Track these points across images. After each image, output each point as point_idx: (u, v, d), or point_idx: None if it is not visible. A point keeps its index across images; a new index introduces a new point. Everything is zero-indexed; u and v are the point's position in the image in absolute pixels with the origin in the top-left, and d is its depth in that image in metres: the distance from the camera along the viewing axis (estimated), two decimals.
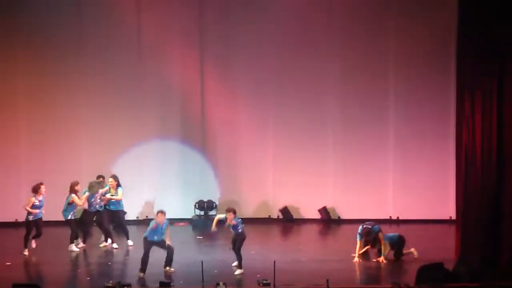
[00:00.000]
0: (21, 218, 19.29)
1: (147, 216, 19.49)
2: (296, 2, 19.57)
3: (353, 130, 19.71)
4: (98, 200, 16.80)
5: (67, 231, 17.10)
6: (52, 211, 19.28)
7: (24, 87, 19.40)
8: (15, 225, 19.27)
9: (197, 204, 19.84)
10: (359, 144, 19.60)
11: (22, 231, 18.86)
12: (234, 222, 14.61)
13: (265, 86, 19.76)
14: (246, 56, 19.72)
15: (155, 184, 19.78)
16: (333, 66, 19.61)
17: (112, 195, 16.91)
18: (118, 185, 17.07)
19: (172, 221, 19.48)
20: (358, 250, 15.30)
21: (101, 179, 17.36)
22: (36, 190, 16.41)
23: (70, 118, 19.50)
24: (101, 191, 16.80)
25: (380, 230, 15.33)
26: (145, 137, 19.66)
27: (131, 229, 17.37)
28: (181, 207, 19.89)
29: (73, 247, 16.25)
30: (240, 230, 14.62)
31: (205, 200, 19.86)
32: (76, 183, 16.83)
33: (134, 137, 19.56)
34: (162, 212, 14.88)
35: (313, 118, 19.80)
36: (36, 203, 16.40)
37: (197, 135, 19.93)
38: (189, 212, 19.80)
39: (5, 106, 19.42)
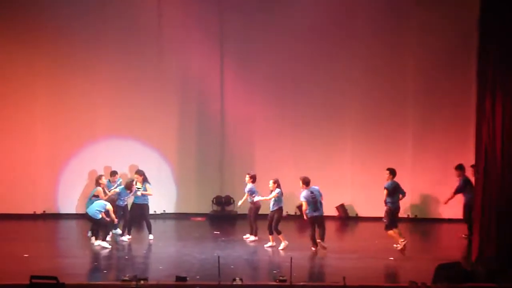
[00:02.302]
0: (39, 210, 19.49)
1: (164, 211, 19.53)
2: None
3: (372, 128, 19.65)
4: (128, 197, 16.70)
5: (85, 224, 17.16)
6: (69, 205, 19.50)
7: (43, 82, 19.48)
8: (33, 217, 19.36)
9: (214, 199, 19.86)
10: (377, 141, 19.53)
11: (40, 223, 19.05)
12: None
13: (284, 81, 19.76)
14: (266, 52, 19.72)
15: (173, 179, 19.80)
16: (352, 63, 19.57)
17: (138, 189, 16.81)
18: (145, 180, 17.00)
19: (189, 216, 19.69)
20: None
21: (116, 175, 17.34)
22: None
23: (88, 111, 19.56)
24: (136, 189, 16.71)
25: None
26: (163, 132, 19.69)
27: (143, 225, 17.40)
28: (198, 202, 19.93)
29: (104, 243, 16.08)
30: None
31: (223, 195, 19.88)
32: (100, 177, 16.86)
33: (152, 132, 19.58)
34: None
35: (331, 115, 19.77)
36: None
37: (215, 131, 19.95)
38: (207, 207, 19.83)
39: (24, 103, 19.50)
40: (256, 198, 16.69)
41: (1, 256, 14.29)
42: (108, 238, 16.27)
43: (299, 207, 19.57)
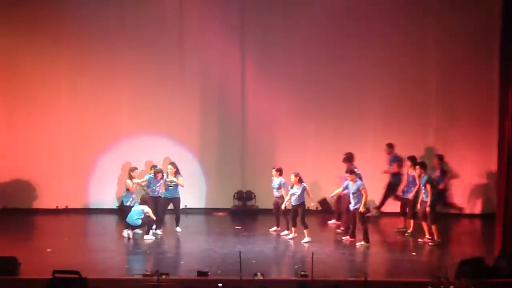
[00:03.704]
0: (62, 205, 19.60)
1: (185, 205, 19.52)
2: None
3: (393, 122, 19.55)
4: (160, 186, 16.85)
5: (109, 218, 17.23)
6: (92, 199, 19.59)
7: (66, 78, 19.53)
8: (55, 211, 19.45)
9: (236, 195, 19.88)
10: (399, 137, 19.38)
11: (63, 218, 19.17)
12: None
13: (306, 76, 19.68)
14: (287, 46, 19.63)
15: (194, 174, 19.79)
16: (374, 57, 19.44)
17: (171, 181, 16.88)
18: (177, 172, 17.05)
19: (210, 211, 19.72)
20: None
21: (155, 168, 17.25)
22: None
23: (110, 108, 19.60)
24: (165, 178, 16.86)
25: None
26: (184, 127, 19.70)
27: (169, 219, 17.43)
28: (219, 197, 19.94)
29: (150, 236, 16.33)
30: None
31: (244, 190, 19.90)
32: (133, 169, 16.94)
33: (174, 128, 19.60)
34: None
35: (353, 110, 19.69)
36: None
37: (236, 126, 19.92)
38: (228, 202, 19.85)
39: (48, 99, 19.55)
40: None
41: (24, 251, 14.36)
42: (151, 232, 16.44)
43: (320, 202, 19.59)
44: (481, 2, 19.05)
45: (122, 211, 17.47)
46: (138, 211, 16.20)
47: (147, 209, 16.24)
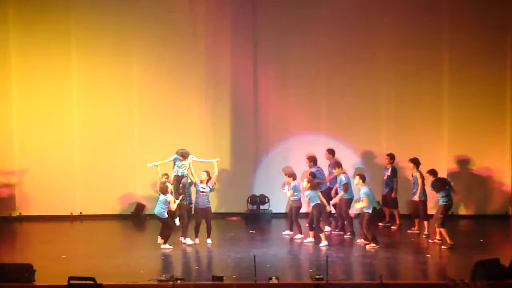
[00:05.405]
0: (76, 211, 19.64)
1: None
2: None
3: (407, 126, 19.51)
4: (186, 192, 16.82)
5: (124, 224, 17.16)
6: (106, 206, 19.63)
7: (80, 82, 19.62)
8: (70, 218, 19.51)
9: (249, 199, 19.87)
10: (413, 139, 19.36)
11: (77, 224, 19.21)
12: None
13: (318, 78, 19.66)
14: (299, 47, 19.60)
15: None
16: (386, 57, 19.43)
17: (203, 188, 16.74)
18: (209, 181, 16.90)
19: (224, 216, 19.71)
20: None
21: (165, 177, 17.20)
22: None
23: (123, 113, 19.69)
24: (201, 188, 16.76)
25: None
26: (196, 132, 19.71)
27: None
28: (233, 201, 19.94)
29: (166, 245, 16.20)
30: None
31: (258, 194, 19.88)
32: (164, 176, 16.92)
33: (186, 133, 19.61)
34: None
35: (366, 113, 19.64)
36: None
37: (249, 130, 19.92)
38: (242, 206, 19.84)
39: (61, 103, 19.63)
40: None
41: (39, 258, 14.40)
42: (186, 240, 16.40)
43: (335, 205, 19.52)
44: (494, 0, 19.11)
45: (136, 217, 17.44)
46: (163, 201, 16.14)
47: (170, 197, 16.15)
